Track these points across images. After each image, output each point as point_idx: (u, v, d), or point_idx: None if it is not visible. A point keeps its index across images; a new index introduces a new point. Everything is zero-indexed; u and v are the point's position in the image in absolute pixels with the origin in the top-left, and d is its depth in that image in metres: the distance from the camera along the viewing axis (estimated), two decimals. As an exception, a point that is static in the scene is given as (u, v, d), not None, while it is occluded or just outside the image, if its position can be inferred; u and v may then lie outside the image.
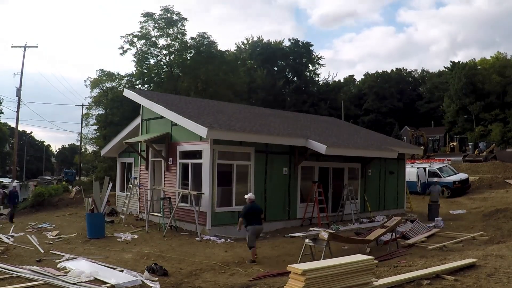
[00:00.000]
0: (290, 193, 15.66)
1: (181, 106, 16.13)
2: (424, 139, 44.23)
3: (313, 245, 9.79)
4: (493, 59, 67.48)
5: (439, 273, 7.15)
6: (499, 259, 8.25)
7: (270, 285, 7.66)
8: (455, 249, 11.25)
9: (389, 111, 74.15)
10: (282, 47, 61.92)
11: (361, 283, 6.06)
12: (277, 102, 52.31)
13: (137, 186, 16.39)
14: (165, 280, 8.14)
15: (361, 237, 11.61)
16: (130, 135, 18.26)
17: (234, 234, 13.24)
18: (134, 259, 10.00)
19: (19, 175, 52.57)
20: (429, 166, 27.64)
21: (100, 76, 35.81)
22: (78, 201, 23.55)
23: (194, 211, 13.10)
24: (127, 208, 16.11)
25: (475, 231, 13.95)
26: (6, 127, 51.64)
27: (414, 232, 13.44)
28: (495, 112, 59.68)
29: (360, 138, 20.21)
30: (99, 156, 27.70)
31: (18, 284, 7.36)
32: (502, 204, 19.84)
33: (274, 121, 18.11)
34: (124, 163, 19.65)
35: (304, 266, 5.89)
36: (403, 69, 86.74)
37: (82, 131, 44.42)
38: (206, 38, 37.93)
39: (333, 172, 17.53)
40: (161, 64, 37.83)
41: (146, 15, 36.14)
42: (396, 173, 20.30)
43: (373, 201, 18.81)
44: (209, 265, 9.56)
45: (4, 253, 10.30)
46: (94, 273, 7.95)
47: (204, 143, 13.57)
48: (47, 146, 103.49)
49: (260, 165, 14.79)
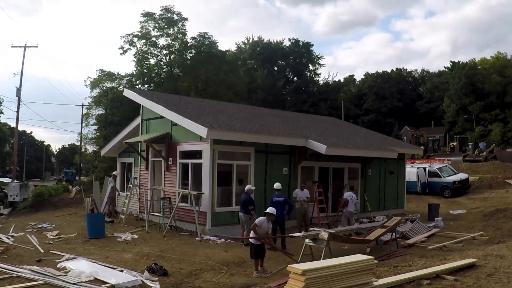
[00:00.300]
0: (290, 193, 15.65)
1: (181, 106, 16.13)
2: (424, 139, 44.24)
3: (313, 245, 9.79)
4: (493, 59, 67.49)
5: (439, 273, 7.15)
6: (499, 259, 8.26)
7: (270, 286, 7.66)
8: (455, 249, 11.26)
9: (389, 111, 74.17)
10: (282, 47, 61.92)
11: (361, 283, 6.06)
12: (277, 102, 52.32)
13: (137, 186, 16.39)
14: (165, 280, 8.14)
15: (361, 237, 11.61)
16: (130, 135, 18.25)
17: (234, 234, 13.25)
18: (134, 259, 10.00)
19: (19, 175, 52.54)
20: (429, 166, 27.63)
21: (100, 76, 35.77)
22: (78, 201, 23.53)
23: (194, 211, 13.10)
24: (127, 208, 16.10)
25: (475, 231, 13.96)
26: (6, 127, 51.67)
27: (414, 232, 13.45)
28: (495, 112, 59.71)
29: (360, 138, 20.21)
30: (99, 156, 27.70)
31: (18, 284, 7.37)
32: (502, 204, 19.83)
33: (274, 121, 18.11)
34: (124, 163, 19.65)
35: (304, 266, 5.89)
36: (403, 69, 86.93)
37: (82, 131, 44.43)
38: (206, 38, 37.93)
39: (333, 172, 17.54)
40: (161, 64, 37.82)
41: (146, 15, 36.13)
42: (396, 173, 20.30)
43: (373, 201, 18.81)
44: (209, 265, 9.56)
45: (4, 253, 10.30)
46: (94, 273, 7.96)
47: (204, 143, 13.56)
48: (47, 146, 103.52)
49: (260, 165, 14.79)
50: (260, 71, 54.44)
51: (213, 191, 13.42)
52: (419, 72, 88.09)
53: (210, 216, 13.35)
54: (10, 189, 24.61)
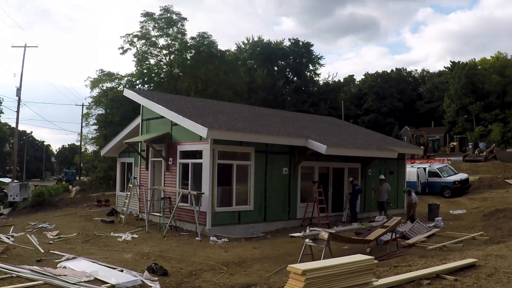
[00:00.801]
0: (290, 193, 15.66)
1: (181, 106, 16.13)
2: (424, 139, 44.24)
3: (313, 245, 9.79)
4: (493, 59, 67.47)
5: (439, 273, 7.15)
6: (499, 259, 8.26)
7: (270, 285, 7.66)
8: (455, 249, 11.25)
9: (389, 111, 74.16)
10: (282, 47, 61.94)
11: (361, 283, 6.06)
12: (277, 102, 52.35)
13: (137, 186, 16.39)
14: (165, 280, 8.14)
15: (361, 237, 11.61)
16: (130, 135, 18.26)
17: (234, 234, 13.26)
18: (134, 259, 10.00)
19: (19, 175, 52.55)
20: (429, 166, 27.63)
21: (100, 76, 35.76)
22: (78, 201, 23.56)
23: (194, 211, 13.11)
24: (127, 208, 16.11)
25: (475, 231, 13.95)
26: (6, 127, 51.65)
27: (414, 232, 13.43)
28: (495, 112, 59.74)
29: (360, 138, 20.21)
30: (99, 156, 27.69)
31: (18, 284, 7.36)
32: (502, 204, 19.82)
33: (274, 121, 18.11)
34: (124, 163, 19.65)
35: (304, 266, 5.89)
36: (403, 69, 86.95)
37: (82, 131, 44.43)
38: (206, 38, 37.91)
39: (333, 172, 17.53)
40: (161, 64, 37.81)
41: (146, 15, 36.12)
42: (396, 173, 20.30)
43: (373, 200, 18.81)
44: (209, 265, 9.56)
45: (4, 253, 10.29)
46: (94, 273, 7.95)
47: (204, 143, 13.57)
48: (47, 146, 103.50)
49: (260, 165, 14.79)
50: (260, 71, 54.45)
51: (213, 191, 13.41)
52: (419, 72, 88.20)
53: (210, 216, 13.35)
54: (10, 189, 24.62)
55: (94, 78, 35.71)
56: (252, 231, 13.93)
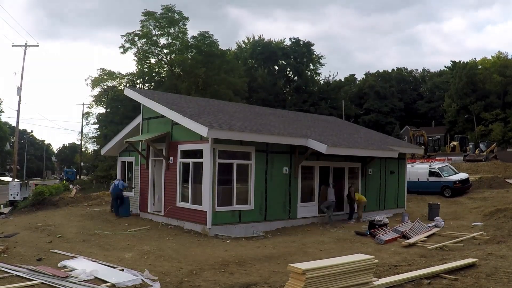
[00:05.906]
0: (290, 192, 15.66)
1: (182, 105, 16.12)
2: (425, 138, 44.24)
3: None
4: (493, 58, 67.43)
5: (439, 273, 7.16)
6: (499, 259, 8.26)
7: (270, 285, 7.67)
8: (455, 248, 11.24)
9: (389, 111, 74.05)
10: (283, 46, 61.93)
11: (361, 283, 6.06)
12: (278, 102, 52.38)
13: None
14: (166, 279, 8.14)
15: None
16: (131, 134, 18.25)
17: (234, 233, 13.26)
18: (134, 258, 10.00)
19: (19, 174, 52.58)
20: (429, 165, 27.60)
21: (100, 75, 35.82)
22: (78, 200, 23.54)
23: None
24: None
25: (475, 231, 13.95)
26: (7, 126, 51.74)
27: (414, 232, 13.43)
28: (495, 111, 59.68)
29: (361, 137, 20.20)
30: (100, 155, 27.71)
31: (18, 283, 7.37)
32: (502, 204, 19.79)
33: (274, 121, 18.10)
34: (124, 162, 19.63)
35: (304, 265, 5.89)
36: (404, 68, 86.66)
37: (83, 130, 44.49)
38: (207, 37, 37.93)
39: (334, 172, 17.53)
40: (162, 63, 37.86)
41: (147, 14, 36.12)
42: (396, 172, 20.30)
43: (373, 200, 18.81)
44: (209, 265, 9.56)
45: (4, 252, 10.30)
46: (94, 272, 7.96)
47: (205, 142, 13.56)
48: (48, 145, 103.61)
49: (261, 165, 14.78)
50: (261, 70, 54.45)
51: (213, 191, 13.42)
52: (419, 72, 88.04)
53: (211, 215, 13.35)
54: (10, 188, 24.61)
55: (95, 77, 35.81)
56: (253, 231, 13.94)
